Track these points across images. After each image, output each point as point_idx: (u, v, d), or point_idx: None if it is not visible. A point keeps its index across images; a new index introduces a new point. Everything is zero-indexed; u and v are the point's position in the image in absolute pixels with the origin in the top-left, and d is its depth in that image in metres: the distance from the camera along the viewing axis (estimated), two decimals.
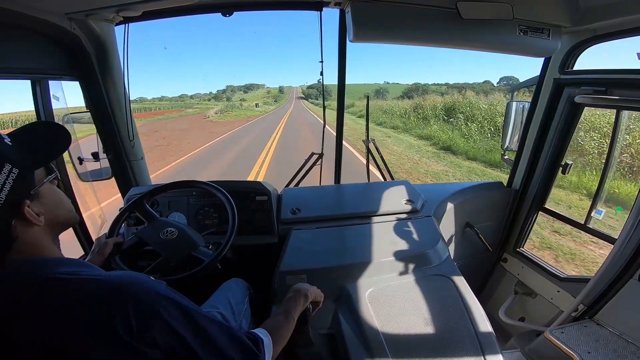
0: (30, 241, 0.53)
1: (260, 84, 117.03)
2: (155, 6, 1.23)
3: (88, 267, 0.58)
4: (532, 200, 1.77)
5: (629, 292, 1.26)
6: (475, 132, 10.78)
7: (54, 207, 0.58)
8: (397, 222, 1.43)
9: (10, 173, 0.50)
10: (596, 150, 5.75)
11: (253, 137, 14.36)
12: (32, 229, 0.54)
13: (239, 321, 1.06)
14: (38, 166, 0.56)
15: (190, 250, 1.12)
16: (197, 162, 9.30)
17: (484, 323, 1.02)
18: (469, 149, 9.17)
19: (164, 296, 0.55)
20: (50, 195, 0.58)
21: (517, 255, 1.87)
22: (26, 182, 0.53)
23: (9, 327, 0.48)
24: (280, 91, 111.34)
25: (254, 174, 7.06)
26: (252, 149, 10.85)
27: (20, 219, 0.52)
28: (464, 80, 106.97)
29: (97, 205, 1.87)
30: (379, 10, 1.22)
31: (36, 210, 0.54)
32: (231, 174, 7.42)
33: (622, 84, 1.31)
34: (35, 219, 0.53)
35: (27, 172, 0.53)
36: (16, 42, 1.07)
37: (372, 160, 1.87)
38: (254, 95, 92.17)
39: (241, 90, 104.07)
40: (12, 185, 0.50)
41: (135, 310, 0.51)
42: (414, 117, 15.43)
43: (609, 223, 1.53)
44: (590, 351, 1.22)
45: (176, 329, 0.54)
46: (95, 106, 1.46)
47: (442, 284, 1.16)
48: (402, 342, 0.97)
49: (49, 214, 0.56)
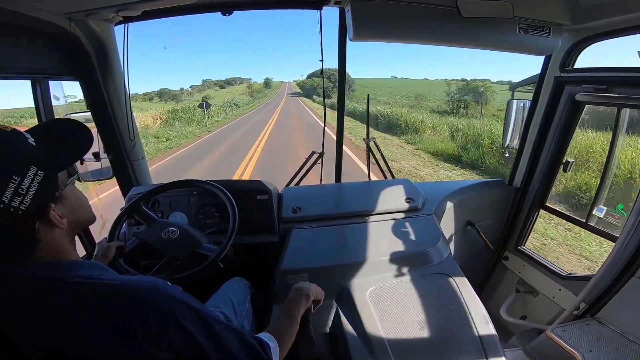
0: (52, 243, 0.53)
1: (245, 77, 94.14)
2: (154, 6, 1.22)
3: (107, 271, 0.58)
4: (533, 198, 1.76)
5: (630, 290, 1.25)
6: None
7: (75, 209, 0.58)
8: (397, 220, 1.43)
9: (36, 176, 0.49)
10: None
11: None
12: (55, 231, 0.53)
13: (241, 321, 1.06)
14: (63, 168, 0.56)
15: (194, 248, 1.13)
16: None
17: (485, 321, 1.02)
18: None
19: (180, 301, 0.56)
20: (72, 197, 0.58)
21: (519, 253, 1.87)
22: (51, 185, 0.52)
23: (31, 330, 0.48)
24: (266, 85, 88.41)
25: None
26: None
27: (44, 222, 0.51)
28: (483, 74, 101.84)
29: (98, 204, 1.86)
30: (379, 9, 1.21)
31: (59, 213, 0.53)
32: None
33: (623, 82, 1.31)
34: (60, 222, 0.52)
35: (52, 174, 0.52)
36: (16, 42, 1.07)
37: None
38: (229, 91, 67.35)
39: (218, 85, 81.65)
40: (38, 189, 0.49)
41: (155, 316, 0.51)
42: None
43: (610, 221, 1.53)
44: (592, 349, 1.22)
45: (192, 334, 0.54)
46: (96, 106, 1.46)
47: (443, 282, 1.16)
48: (403, 341, 0.97)
49: (71, 216, 0.56)
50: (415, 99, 31.11)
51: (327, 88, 2.04)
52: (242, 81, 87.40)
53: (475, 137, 9.62)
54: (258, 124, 18.25)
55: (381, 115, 16.36)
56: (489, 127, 10.21)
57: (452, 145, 9.88)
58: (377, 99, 32.12)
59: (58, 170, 0.54)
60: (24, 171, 0.48)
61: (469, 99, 23.23)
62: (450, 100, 24.16)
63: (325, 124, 1.82)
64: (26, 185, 0.47)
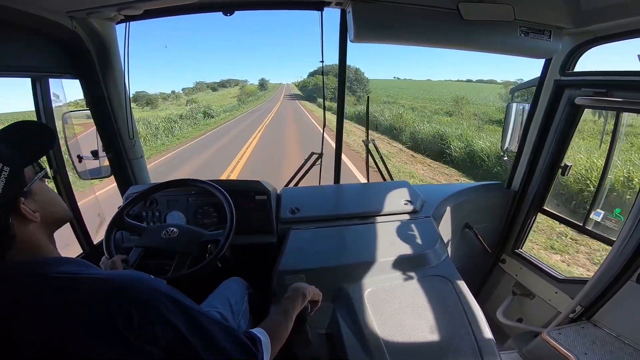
0: (28, 239, 0.54)
1: (242, 79, 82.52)
2: (156, 5, 1.23)
3: (87, 267, 0.58)
4: (531, 202, 1.77)
5: (626, 294, 1.26)
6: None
7: (47, 205, 0.60)
8: (396, 222, 1.43)
9: (2, 171, 0.51)
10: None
11: None
12: (29, 226, 0.55)
13: (238, 320, 1.06)
14: (27, 164, 0.57)
15: (200, 238, 1.15)
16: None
17: (482, 324, 1.03)
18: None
19: (164, 294, 0.56)
20: (43, 193, 0.60)
21: (516, 256, 1.88)
22: (18, 180, 0.54)
23: (9, 327, 0.48)
24: (261, 87, 79.01)
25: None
26: None
27: (16, 216, 0.53)
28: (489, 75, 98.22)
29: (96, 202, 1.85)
30: (380, 11, 1.22)
31: (31, 208, 0.55)
32: None
33: (623, 86, 1.31)
34: (31, 215, 0.54)
35: (17, 169, 0.54)
36: (17, 40, 1.07)
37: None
38: (221, 94, 58.90)
39: (211, 88, 70.75)
40: (5, 183, 0.51)
41: (137, 309, 0.51)
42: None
43: (607, 225, 1.53)
44: (587, 352, 1.22)
45: (177, 327, 0.54)
46: (96, 104, 1.46)
47: (441, 284, 1.16)
48: (400, 343, 0.98)
49: (44, 212, 0.57)
50: (456, 104, 22.53)
51: (334, 89, 1.85)
52: (237, 83, 77.43)
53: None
54: (227, 149, 10.52)
55: (425, 137, 10.29)
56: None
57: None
58: (397, 102, 24.76)
59: (23, 165, 0.56)
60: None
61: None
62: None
63: (325, 125, 1.82)
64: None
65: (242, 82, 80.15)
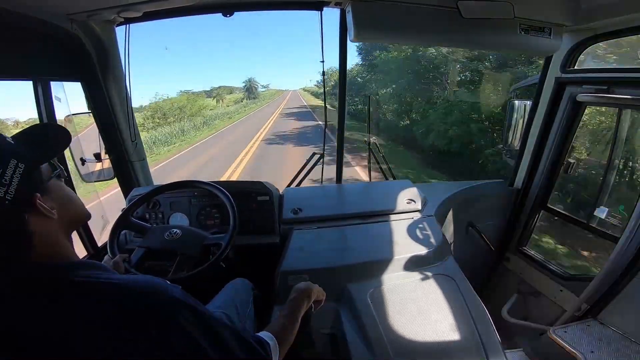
0: (46, 237, 0.54)
1: (236, 86, 61.53)
2: (156, 7, 1.23)
3: (106, 271, 0.58)
4: (534, 199, 1.76)
5: (632, 292, 1.25)
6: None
7: (64, 202, 0.59)
8: (398, 221, 1.42)
9: (17, 168, 0.51)
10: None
11: None
12: (47, 223, 0.54)
13: (243, 322, 1.06)
14: (42, 162, 0.58)
15: (202, 240, 1.15)
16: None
17: (486, 322, 1.02)
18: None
19: (180, 301, 0.56)
20: (59, 191, 0.60)
21: (520, 254, 1.87)
22: (34, 177, 0.54)
23: (28, 330, 0.48)
24: (248, 93, 55.17)
25: None
26: None
27: (33, 212, 0.53)
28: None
29: (100, 204, 1.86)
30: (380, 10, 1.22)
31: (48, 205, 0.55)
32: None
33: (624, 83, 1.31)
34: (48, 211, 0.54)
35: (32, 167, 0.55)
36: (18, 43, 1.07)
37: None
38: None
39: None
40: (21, 180, 0.51)
41: (155, 316, 0.52)
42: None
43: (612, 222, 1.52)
44: (594, 350, 1.21)
45: (192, 334, 0.54)
46: (97, 107, 1.47)
47: (445, 283, 1.15)
48: (404, 342, 0.97)
49: (61, 209, 0.57)
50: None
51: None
52: (231, 90, 58.70)
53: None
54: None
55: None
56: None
57: None
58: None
59: (38, 163, 0.56)
60: (5, 163, 0.50)
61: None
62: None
63: (325, 124, 1.82)
64: (8, 176, 0.50)
65: (238, 89, 61.72)
